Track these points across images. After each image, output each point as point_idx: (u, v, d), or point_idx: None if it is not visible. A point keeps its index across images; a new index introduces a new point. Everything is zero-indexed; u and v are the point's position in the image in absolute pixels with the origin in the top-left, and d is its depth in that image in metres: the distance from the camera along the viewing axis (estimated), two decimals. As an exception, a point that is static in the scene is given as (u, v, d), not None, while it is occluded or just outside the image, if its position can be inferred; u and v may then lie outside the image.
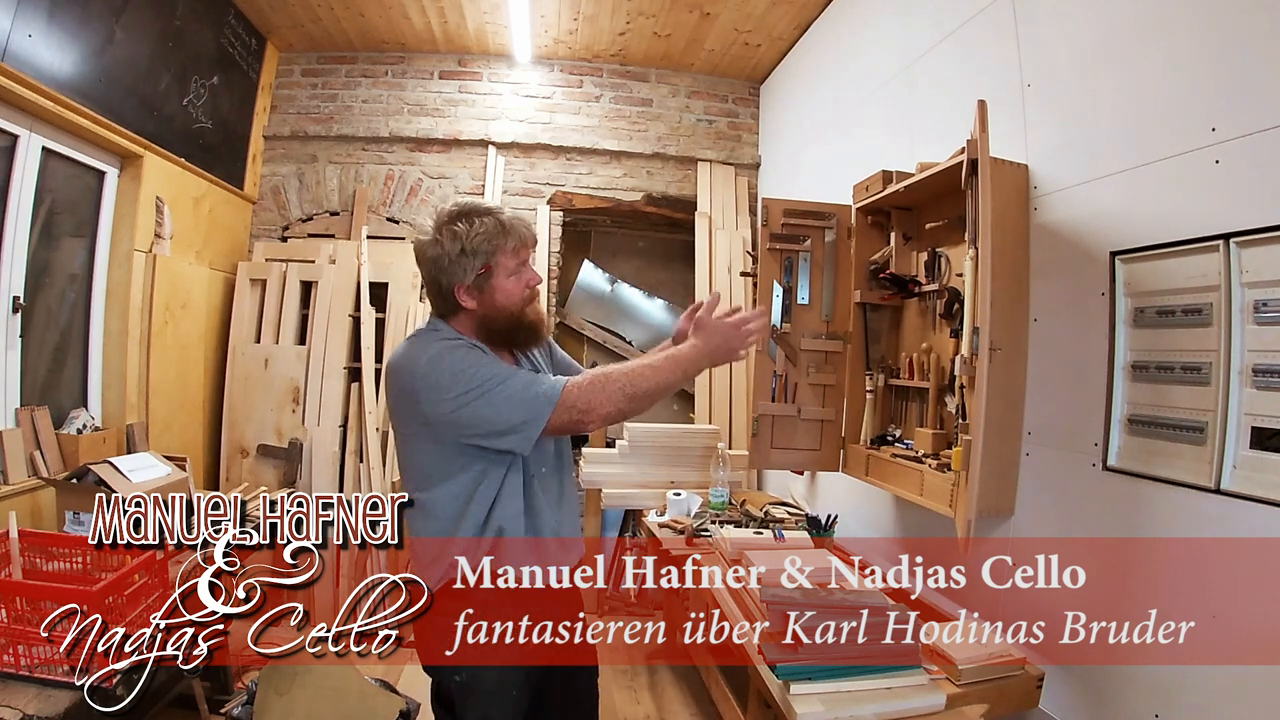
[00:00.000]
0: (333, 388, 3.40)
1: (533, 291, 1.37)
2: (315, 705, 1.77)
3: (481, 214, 1.33)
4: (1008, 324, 1.76)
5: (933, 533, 2.07)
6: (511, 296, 1.34)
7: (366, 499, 1.49)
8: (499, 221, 1.32)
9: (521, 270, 1.35)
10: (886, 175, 2.12)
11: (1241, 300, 1.31)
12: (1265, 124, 1.24)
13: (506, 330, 1.36)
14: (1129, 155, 1.53)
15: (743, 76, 4.01)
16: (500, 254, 1.32)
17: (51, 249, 2.62)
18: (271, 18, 3.50)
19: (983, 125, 1.58)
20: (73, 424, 2.61)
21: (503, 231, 1.32)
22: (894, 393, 2.31)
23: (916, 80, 2.39)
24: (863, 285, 2.30)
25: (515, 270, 1.34)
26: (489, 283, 1.32)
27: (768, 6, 3.22)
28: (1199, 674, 1.33)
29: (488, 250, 1.31)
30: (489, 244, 1.30)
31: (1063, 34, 1.75)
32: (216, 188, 3.40)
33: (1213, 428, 1.34)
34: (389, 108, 3.86)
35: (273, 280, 3.51)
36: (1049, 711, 1.65)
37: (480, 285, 1.32)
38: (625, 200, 3.94)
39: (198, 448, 3.31)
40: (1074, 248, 1.66)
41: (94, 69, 2.54)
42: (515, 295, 1.34)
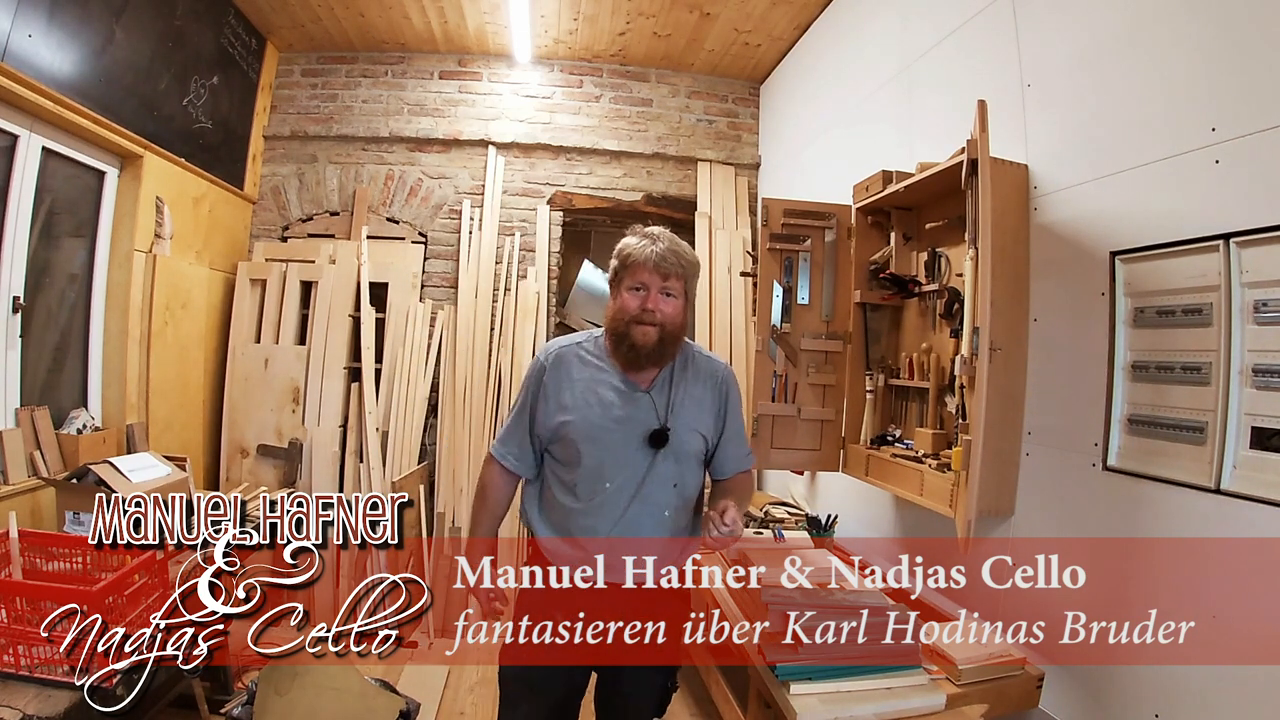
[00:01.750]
0: (333, 388, 3.40)
1: (642, 313, 1.44)
2: (315, 705, 1.77)
3: (641, 233, 1.50)
4: (1008, 324, 1.76)
5: (933, 533, 2.07)
6: (623, 308, 1.46)
7: (366, 499, 1.49)
8: (642, 241, 1.47)
9: (638, 291, 1.46)
10: (886, 175, 2.12)
11: (1241, 300, 1.31)
12: (1265, 124, 1.24)
13: (617, 337, 1.47)
14: (1129, 155, 1.53)
15: (743, 76, 4.01)
16: (625, 267, 1.47)
17: (51, 249, 2.62)
18: (271, 18, 3.50)
19: (983, 125, 1.58)
20: (73, 424, 2.61)
21: (635, 249, 1.46)
22: (894, 393, 2.31)
23: (916, 80, 2.39)
24: (863, 285, 2.30)
25: (633, 286, 1.47)
26: (616, 289, 1.49)
27: (768, 6, 3.22)
28: (1199, 674, 1.33)
29: (620, 259, 1.48)
30: (621, 254, 1.48)
31: (1063, 34, 1.75)
32: (216, 188, 3.40)
33: (1213, 428, 1.34)
34: (389, 108, 3.86)
35: (273, 280, 3.51)
36: (1049, 711, 1.64)
37: (613, 288, 1.51)
38: (625, 200, 3.94)
39: (198, 448, 3.31)
40: (1074, 248, 1.66)
41: (94, 69, 2.54)
42: (625, 308, 1.46)
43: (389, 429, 3.41)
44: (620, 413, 1.47)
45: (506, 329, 3.67)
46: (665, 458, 1.47)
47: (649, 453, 1.46)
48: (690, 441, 1.50)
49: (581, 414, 1.47)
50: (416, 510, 3.35)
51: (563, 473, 1.50)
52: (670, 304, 1.45)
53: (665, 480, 1.48)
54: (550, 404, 1.49)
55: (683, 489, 1.51)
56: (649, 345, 1.43)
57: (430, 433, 3.61)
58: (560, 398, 1.49)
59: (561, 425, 1.47)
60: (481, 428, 3.55)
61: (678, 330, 1.47)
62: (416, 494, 3.38)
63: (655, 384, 1.50)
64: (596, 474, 1.46)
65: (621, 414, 1.47)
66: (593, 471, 1.46)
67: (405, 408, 3.47)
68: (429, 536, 3.39)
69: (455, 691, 2.65)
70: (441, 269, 3.81)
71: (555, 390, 1.49)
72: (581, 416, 1.46)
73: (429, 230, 3.83)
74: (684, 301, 1.48)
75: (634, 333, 1.43)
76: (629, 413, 1.47)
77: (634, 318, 1.43)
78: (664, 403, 1.48)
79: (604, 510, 1.46)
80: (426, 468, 3.56)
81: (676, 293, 1.46)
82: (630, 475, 1.46)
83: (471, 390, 3.58)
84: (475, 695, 2.64)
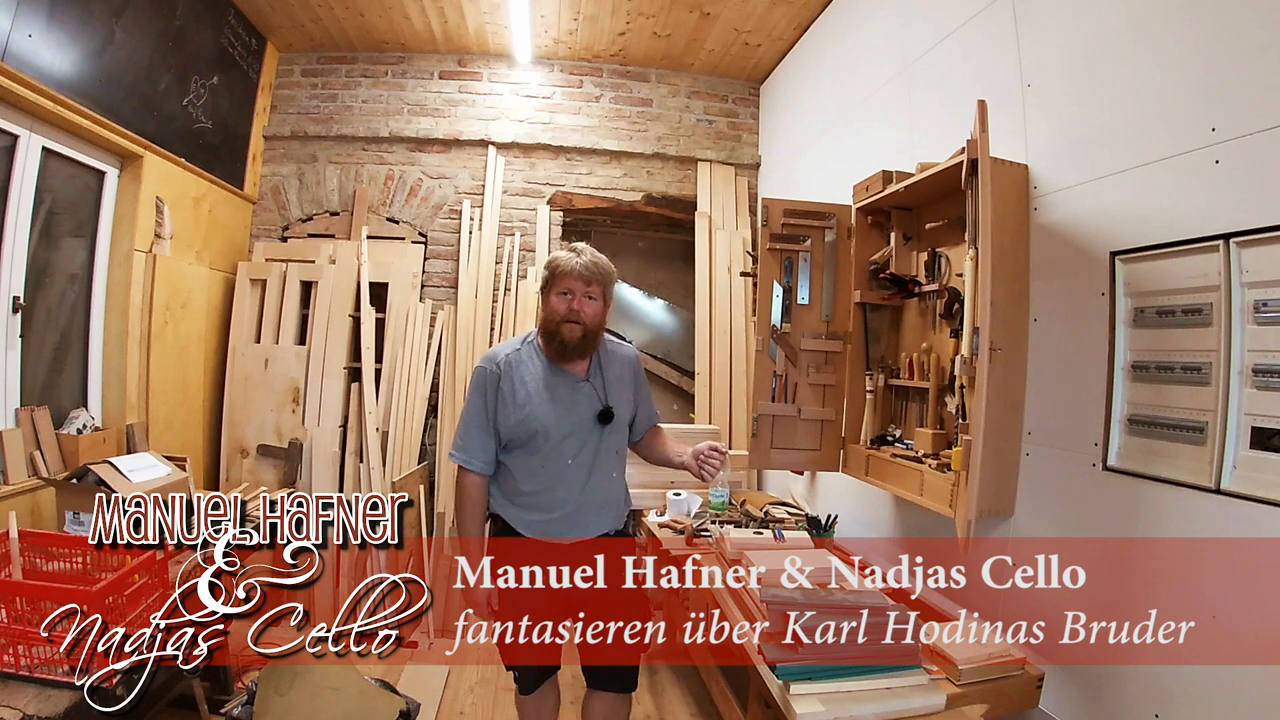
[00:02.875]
0: (333, 388, 3.40)
1: (570, 314, 1.68)
2: (315, 705, 1.77)
3: (567, 248, 1.75)
4: (1008, 324, 1.76)
5: (933, 533, 2.07)
6: (554, 311, 1.70)
7: (366, 499, 1.49)
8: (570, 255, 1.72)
9: (566, 295, 1.70)
10: (886, 175, 2.12)
11: (1241, 300, 1.31)
12: (1265, 124, 1.24)
13: (549, 335, 1.71)
14: (1129, 155, 1.53)
15: (743, 76, 4.01)
16: (554, 276, 1.71)
17: (51, 249, 2.62)
18: (271, 18, 3.50)
19: (983, 125, 1.58)
20: (73, 424, 2.61)
21: (562, 261, 1.70)
22: (894, 393, 2.31)
23: (916, 80, 2.39)
24: (863, 285, 2.30)
25: (562, 291, 1.70)
26: (546, 295, 1.73)
27: (768, 6, 3.22)
28: (1199, 674, 1.33)
29: (550, 269, 1.72)
30: (551, 265, 1.72)
31: (1063, 34, 1.75)
32: (216, 188, 3.40)
33: (1213, 428, 1.34)
34: (389, 108, 3.86)
35: (273, 280, 3.51)
36: (1049, 711, 1.65)
37: (543, 294, 1.74)
38: (625, 200, 3.94)
39: (198, 448, 3.31)
40: (1074, 248, 1.66)
41: (94, 69, 2.54)
42: (557, 311, 1.70)
43: (389, 429, 3.41)
44: (568, 400, 1.72)
45: (506, 329, 3.67)
46: (611, 431, 1.76)
47: (598, 429, 1.74)
48: (623, 414, 1.81)
49: (537, 406, 1.70)
50: (416, 510, 3.35)
51: (525, 460, 1.72)
52: (592, 306, 1.70)
53: (610, 449, 1.78)
54: (508, 405, 1.71)
55: (621, 454, 1.84)
56: (575, 340, 1.68)
57: (430, 433, 3.61)
58: (516, 397, 1.71)
59: (523, 419, 1.69)
60: (481, 428, 3.55)
61: (599, 327, 1.73)
62: (416, 494, 3.38)
63: (590, 372, 1.77)
64: (558, 454, 1.71)
65: (570, 401, 1.72)
66: (555, 453, 1.70)
67: (405, 408, 3.47)
68: (429, 536, 3.39)
69: (455, 691, 2.65)
70: (441, 269, 3.81)
71: (510, 392, 1.71)
72: (538, 408, 1.70)
73: (429, 230, 3.83)
74: (603, 304, 1.73)
75: (563, 330, 1.68)
76: (576, 399, 1.73)
77: (564, 318, 1.68)
78: (600, 386, 1.76)
79: (568, 483, 1.71)
80: (426, 468, 3.56)
81: (597, 296, 1.71)
82: (587, 450, 1.73)
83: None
84: (475, 695, 2.64)
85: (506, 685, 2.70)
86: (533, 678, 1.80)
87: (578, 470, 1.72)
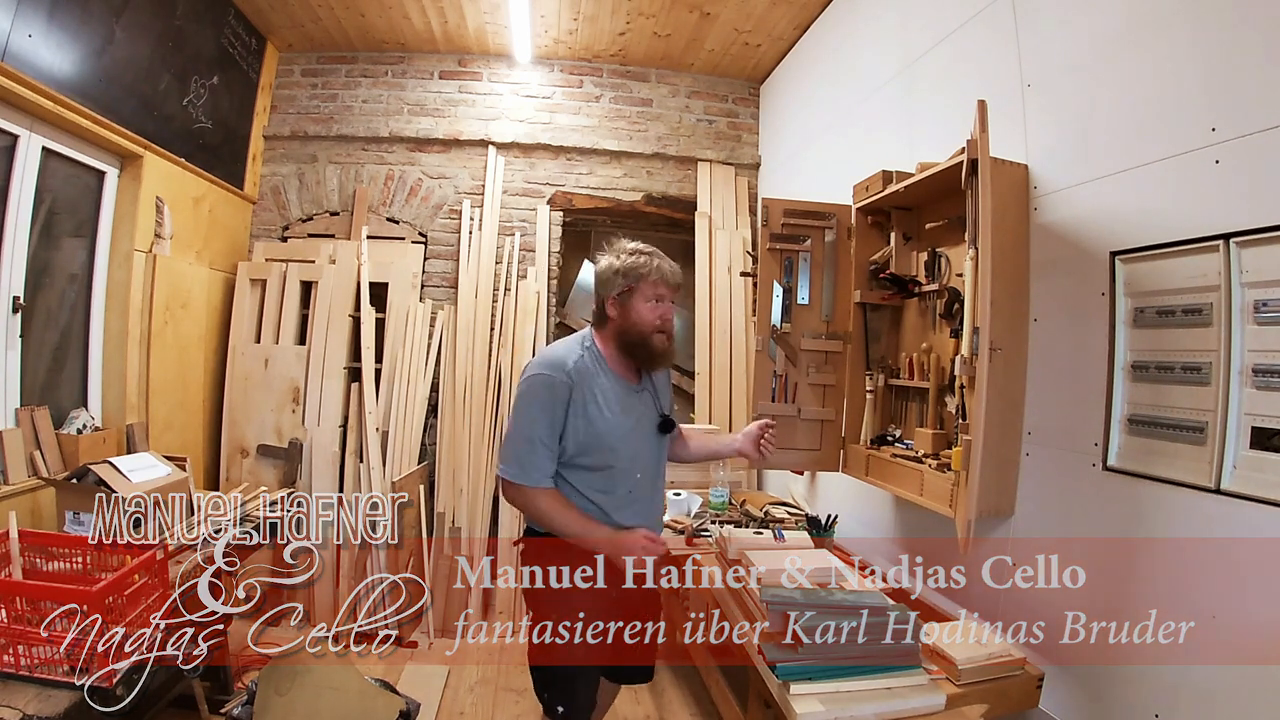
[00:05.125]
0: (333, 388, 3.40)
1: (664, 324, 1.62)
2: (315, 705, 1.77)
3: (643, 251, 1.64)
4: (1008, 324, 1.76)
5: (933, 533, 2.07)
6: (644, 319, 1.61)
7: (366, 499, 1.50)
8: (651, 258, 1.62)
9: (658, 304, 1.62)
10: (886, 175, 2.12)
11: (1241, 300, 1.31)
12: (1265, 124, 1.24)
13: (633, 345, 1.62)
14: (1129, 155, 1.53)
15: (743, 76, 4.01)
16: (643, 282, 1.61)
17: (51, 249, 2.62)
18: (271, 18, 3.50)
19: (983, 125, 1.58)
20: (73, 424, 2.61)
21: (651, 266, 1.61)
22: (894, 393, 2.31)
23: (916, 80, 2.39)
24: (863, 285, 2.30)
25: (651, 299, 1.62)
26: (629, 301, 1.61)
27: (768, 6, 3.22)
28: (1199, 674, 1.33)
29: (635, 274, 1.61)
30: (636, 270, 1.61)
31: (1062, 34, 1.75)
32: (216, 188, 3.40)
33: (1213, 428, 1.34)
34: (389, 108, 3.86)
35: (273, 280, 3.51)
36: (1049, 711, 1.64)
37: (623, 301, 1.62)
38: (625, 200, 3.94)
39: (198, 448, 3.31)
40: (1074, 248, 1.66)
41: (94, 69, 2.54)
42: (647, 319, 1.61)
43: (389, 429, 3.41)
44: (635, 412, 1.66)
45: (506, 329, 3.67)
46: (665, 440, 1.72)
47: (659, 440, 1.71)
48: (675, 421, 1.77)
49: (610, 420, 1.60)
50: (416, 510, 3.35)
51: (590, 478, 1.62)
52: (673, 314, 1.65)
53: (663, 458, 1.75)
54: (580, 418, 1.59)
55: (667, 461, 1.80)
56: (665, 351, 1.62)
57: (430, 433, 3.61)
58: (588, 410, 1.59)
59: (597, 435, 1.59)
60: (481, 428, 3.55)
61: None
62: (416, 494, 3.38)
63: (643, 381, 1.70)
64: (629, 469, 1.64)
65: (636, 413, 1.66)
66: (626, 468, 1.63)
67: (405, 408, 3.47)
68: (429, 536, 3.39)
69: (455, 691, 2.65)
70: (441, 269, 3.81)
71: (583, 404, 1.59)
72: (611, 422, 1.61)
73: (429, 230, 3.83)
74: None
75: (654, 341, 1.60)
76: (640, 410, 1.67)
77: (656, 328, 1.60)
78: (653, 394, 1.71)
79: (637, 498, 1.65)
80: (426, 468, 3.56)
81: (677, 302, 1.66)
82: (651, 462, 1.69)
83: (471, 390, 3.58)
84: (475, 695, 2.64)
85: (506, 685, 2.70)
86: (583, 709, 1.68)
87: (645, 485, 1.67)
